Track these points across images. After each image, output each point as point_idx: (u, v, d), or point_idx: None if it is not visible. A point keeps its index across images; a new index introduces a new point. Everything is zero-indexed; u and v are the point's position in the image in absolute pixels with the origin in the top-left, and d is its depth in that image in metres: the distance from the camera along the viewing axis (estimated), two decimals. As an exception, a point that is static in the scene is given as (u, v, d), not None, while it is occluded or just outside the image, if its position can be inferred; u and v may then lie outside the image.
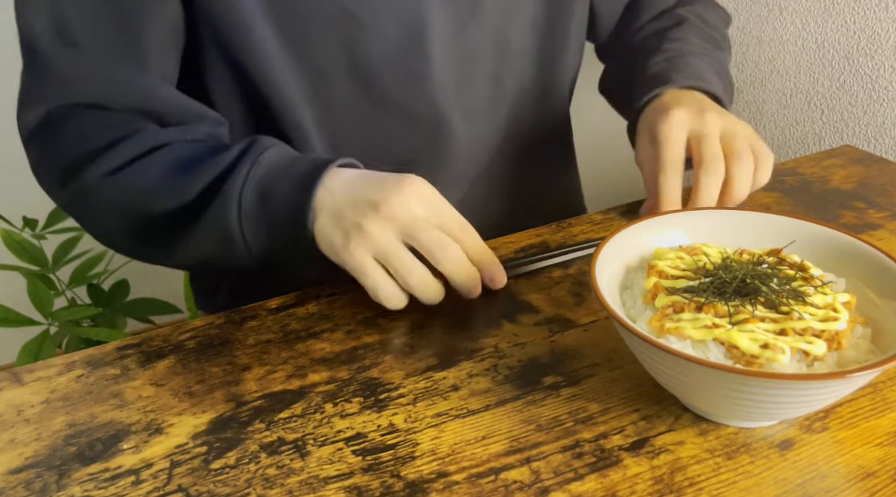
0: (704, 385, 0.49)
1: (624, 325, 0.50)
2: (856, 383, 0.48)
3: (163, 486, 0.50)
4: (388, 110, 0.76)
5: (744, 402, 0.49)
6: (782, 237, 0.61)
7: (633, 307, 0.56)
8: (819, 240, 0.60)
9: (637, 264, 0.61)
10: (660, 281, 0.56)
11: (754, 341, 0.49)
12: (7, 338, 1.41)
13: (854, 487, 0.49)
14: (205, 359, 0.61)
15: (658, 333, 0.52)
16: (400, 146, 0.78)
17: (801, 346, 0.49)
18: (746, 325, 0.51)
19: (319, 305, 0.67)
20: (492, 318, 0.65)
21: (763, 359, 0.49)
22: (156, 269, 1.54)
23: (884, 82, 1.18)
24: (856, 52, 1.20)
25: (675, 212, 0.64)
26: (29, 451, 0.53)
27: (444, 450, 0.52)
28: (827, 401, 0.50)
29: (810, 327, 0.51)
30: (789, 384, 0.47)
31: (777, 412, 0.52)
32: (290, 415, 0.55)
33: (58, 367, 0.61)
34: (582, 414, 0.55)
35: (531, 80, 0.86)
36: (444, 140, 0.80)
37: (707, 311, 0.52)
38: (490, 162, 0.86)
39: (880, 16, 1.16)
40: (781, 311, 0.52)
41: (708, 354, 0.50)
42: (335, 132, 0.77)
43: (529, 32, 0.83)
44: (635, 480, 0.50)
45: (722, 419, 0.54)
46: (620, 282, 0.59)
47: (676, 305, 0.53)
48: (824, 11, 1.23)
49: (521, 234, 0.78)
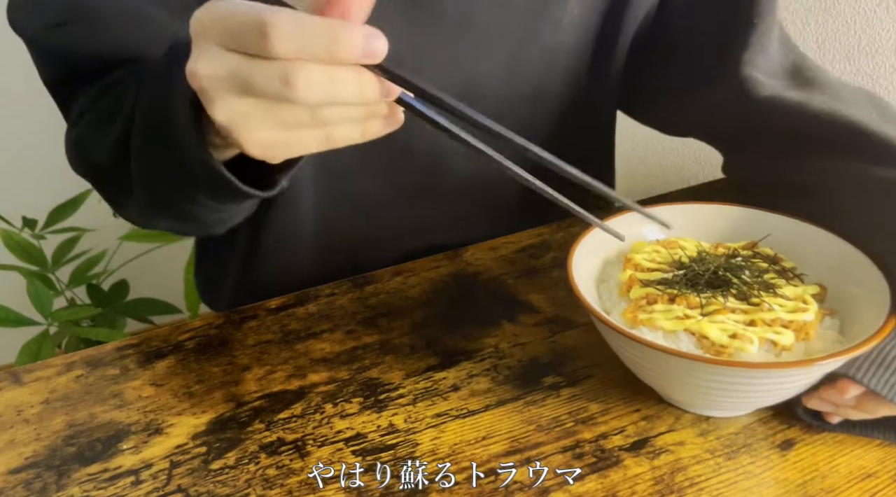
0: (675, 374, 0.51)
1: (597, 317, 0.51)
2: (819, 372, 0.49)
3: (162, 487, 0.50)
4: (385, 141, 0.75)
5: (713, 391, 0.50)
6: (758, 230, 0.62)
7: (608, 299, 0.58)
8: (793, 233, 0.61)
9: (615, 258, 0.62)
10: (635, 273, 0.57)
11: (724, 331, 0.51)
12: (7, 338, 1.41)
13: (854, 487, 0.49)
14: (204, 359, 0.61)
15: (631, 324, 0.53)
16: (396, 175, 0.77)
17: (770, 337, 0.51)
18: (717, 315, 0.52)
19: (319, 305, 0.67)
20: (492, 318, 0.65)
21: (732, 348, 0.50)
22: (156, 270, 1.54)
23: (884, 82, 1.18)
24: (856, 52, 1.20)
25: (654, 206, 0.65)
26: (29, 451, 0.53)
27: (444, 450, 0.52)
28: (794, 389, 0.51)
29: (779, 318, 0.52)
30: (753, 372, 0.48)
31: (746, 401, 0.53)
32: (290, 415, 0.55)
33: (57, 368, 0.61)
34: (582, 414, 0.55)
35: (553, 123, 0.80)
36: (442, 175, 0.78)
37: (679, 303, 0.54)
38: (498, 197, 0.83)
39: (881, 16, 1.16)
40: (752, 302, 0.54)
41: (679, 344, 0.51)
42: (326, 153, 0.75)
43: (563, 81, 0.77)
44: (636, 481, 0.50)
45: (695, 409, 0.55)
46: (597, 275, 0.60)
47: (650, 297, 0.55)
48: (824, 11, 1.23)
49: (521, 235, 0.78)
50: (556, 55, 0.75)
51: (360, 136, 0.43)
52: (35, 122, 1.33)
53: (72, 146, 0.66)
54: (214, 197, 0.53)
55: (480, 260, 0.74)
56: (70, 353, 0.62)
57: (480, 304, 0.67)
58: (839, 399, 0.51)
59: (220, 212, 0.56)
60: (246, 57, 0.39)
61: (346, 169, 0.74)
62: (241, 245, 0.79)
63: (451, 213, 0.79)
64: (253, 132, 0.41)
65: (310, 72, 0.38)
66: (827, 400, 0.52)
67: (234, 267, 0.86)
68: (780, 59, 0.71)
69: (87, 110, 0.64)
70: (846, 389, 0.50)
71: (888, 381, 0.49)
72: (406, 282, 0.71)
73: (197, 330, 0.65)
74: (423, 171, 0.76)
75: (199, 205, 0.54)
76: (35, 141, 1.42)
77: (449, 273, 0.72)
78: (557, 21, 0.73)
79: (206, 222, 0.60)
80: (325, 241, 0.76)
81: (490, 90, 0.73)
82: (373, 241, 0.78)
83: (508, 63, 0.73)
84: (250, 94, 0.40)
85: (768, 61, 0.70)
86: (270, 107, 0.40)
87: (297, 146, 0.42)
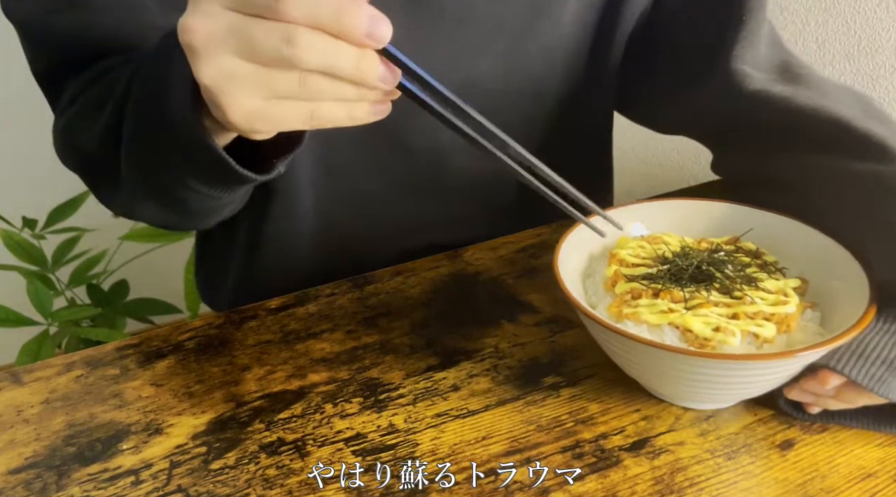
0: (660, 367, 0.51)
1: (583, 311, 0.52)
2: (800, 363, 0.50)
3: (162, 487, 0.50)
4: (385, 139, 0.75)
5: (697, 383, 0.51)
6: (742, 226, 0.63)
7: (594, 294, 0.58)
8: (775, 227, 0.62)
9: (600, 253, 0.62)
10: (620, 269, 0.58)
11: (707, 325, 0.52)
12: (7, 338, 1.41)
13: (854, 487, 0.49)
14: (204, 359, 0.61)
15: (616, 319, 0.54)
16: (396, 173, 0.77)
17: (752, 329, 0.52)
18: (700, 309, 0.53)
19: (319, 305, 0.67)
20: (492, 318, 0.65)
21: (715, 341, 0.51)
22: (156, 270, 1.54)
23: (884, 82, 1.18)
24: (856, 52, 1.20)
25: (637, 203, 0.65)
26: (29, 451, 0.53)
27: (444, 450, 0.52)
28: (776, 381, 0.52)
29: (761, 311, 0.53)
30: (737, 364, 0.49)
31: (729, 393, 0.54)
32: (290, 415, 0.55)
33: (57, 368, 0.61)
34: (582, 414, 0.55)
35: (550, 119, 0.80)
36: (442, 173, 0.78)
37: (664, 297, 0.54)
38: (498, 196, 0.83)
39: (881, 15, 1.16)
40: (735, 296, 0.54)
41: (663, 338, 0.52)
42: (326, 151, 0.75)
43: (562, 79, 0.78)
44: (636, 481, 0.50)
45: (680, 401, 0.56)
46: (583, 270, 0.61)
47: (635, 292, 0.55)
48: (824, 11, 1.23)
49: (521, 235, 0.78)
50: (554, 52, 0.75)
51: (345, 117, 0.42)
52: (35, 122, 1.33)
53: (60, 134, 0.66)
54: (208, 180, 0.52)
55: (480, 260, 0.74)
56: (70, 353, 0.62)
57: (480, 304, 0.67)
58: (820, 389, 0.52)
59: (211, 199, 0.55)
60: (247, 16, 0.39)
61: (345, 167, 0.74)
62: (242, 243, 0.79)
63: (450, 212, 0.79)
64: (237, 98, 0.41)
65: (314, 35, 0.38)
66: (808, 390, 0.52)
67: (234, 265, 0.86)
68: (768, 56, 0.72)
69: (76, 98, 0.64)
70: (827, 379, 0.50)
71: (867, 372, 0.50)
72: (406, 282, 0.71)
73: (197, 330, 0.65)
74: (423, 169, 0.76)
75: (190, 189, 0.54)
76: (35, 141, 1.42)
77: (449, 273, 0.72)
78: (557, 18, 0.73)
79: (193, 211, 0.59)
80: (324, 238, 0.76)
81: (489, 86, 0.73)
82: (372, 239, 0.78)
83: (507, 60, 0.73)
84: (243, 55, 0.40)
85: (757, 56, 0.71)
86: (261, 71, 0.40)
87: (279, 119, 0.42)
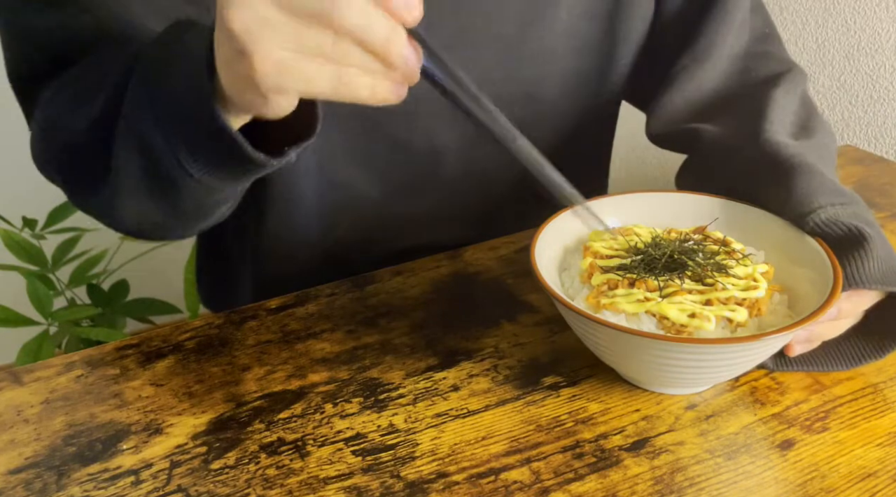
0: (638, 354, 0.53)
1: (563, 303, 0.53)
2: (773, 344, 0.52)
3: (162, 487, 0.50)
4: (380, 139, 0.75)
5: (676, 369, 0.53)
6: (707, 215, 0.64)
7: (571, 286, 0.59)
8: (739, 216, 0.63)
9: (574, 246, 0.63)
10: (595, 261, 0.59)
11: (683, 311, 0.53)
12: (7, 338, 1.41)
13: (854, 487, 0.49)
14: (204, 359, 0.61)
15: (595, 309, 0.55)
16: (394, 172, 0.77)
17: (725, 314, 0.53)
18: (675, 297, 0.54)
19: (319, 305, 0.67)
20: (492, 318, 0.65)
21: (691, 327, 0.53)
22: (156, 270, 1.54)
23: (884, 82, 1.18)
24: (856, 52, 1.20)
25: (607, 197, 0.66)
26: (29, 451, 0.53)
27: (444, 450, 0.52)
28: (751, 362, 0.54)
29: (733, 296, 0.54)
30: (714, 348, 0.50)
31: (708, 376, 0.55)
32: (290, 415, 0.55)
33: (57, 368, 0.61)
34: (582, 414, 0.55)
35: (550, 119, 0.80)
36: (441, 172, 0.78)
37: (639, 287, 0.56)
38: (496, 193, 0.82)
39: (881, 15, 1.16)
40: (707, 282, 0.56)
41: (641, 326, 0.53)
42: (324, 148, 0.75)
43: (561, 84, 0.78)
44: (635, 481, 0.50)
45: (658, 387, 0.57)
46: (559, 264, 0.62)
47: (611, 282, 0.57)
48: (824, 11, 1.23)
49: (521, 235, 0.78)
50: (549, 60, 0.75)
51: (368, 90, 0.43)
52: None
53: (40, 133, 0.63)
54: (215, 162, 0.50)
55: (480, 260, 0.74)
56: (70, 353, 0.62)
57: (480, 304, 0.67)
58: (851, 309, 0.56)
59: (207, 192, 0.54)
60: None
61: (345, 166, 0.74)
62: (243, 245, 0.79)
63: (449, 211, 0.79)
64: (268, 47, 0.40)
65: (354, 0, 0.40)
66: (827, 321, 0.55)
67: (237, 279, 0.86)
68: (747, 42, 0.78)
69: (58, 94, 0.63)
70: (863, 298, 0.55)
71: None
72: (406, 282, 0.71)
73: (197, 330, 0.65)
74: (422, 168, 0.76)
75: (189, 177, 0.51)
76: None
77: (449, 273, 0.72)
78: (550, 27, 0.73)
79: (182, 209, 0.58)
80: (325, 238, 0.76)
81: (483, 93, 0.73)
82: (372, 238, 0.78)
83: (501, 68, 0.73)
84: (282, 3, 0.40)
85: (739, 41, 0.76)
86: (296, 23, 0.40)
87: (307, 75, 0.42)
